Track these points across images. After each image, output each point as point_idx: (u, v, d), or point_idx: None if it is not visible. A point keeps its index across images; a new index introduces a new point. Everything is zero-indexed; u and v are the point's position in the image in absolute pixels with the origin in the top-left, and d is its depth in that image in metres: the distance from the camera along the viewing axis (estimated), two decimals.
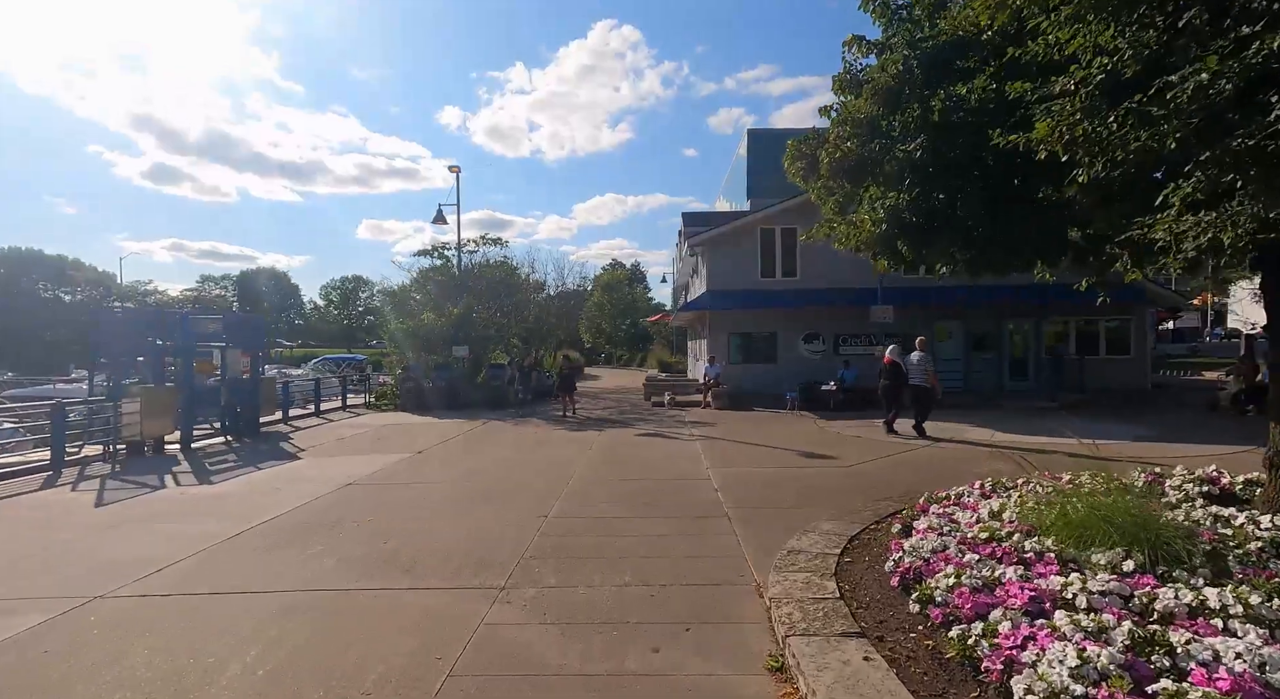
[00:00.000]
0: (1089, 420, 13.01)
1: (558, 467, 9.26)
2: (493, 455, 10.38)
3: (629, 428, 13.77)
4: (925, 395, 11.39)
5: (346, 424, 15.54)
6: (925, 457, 9.60)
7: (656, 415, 16.14)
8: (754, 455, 9.98)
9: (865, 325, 18.76)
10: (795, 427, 13.47)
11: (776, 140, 42.01)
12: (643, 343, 52.81)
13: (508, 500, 7.22)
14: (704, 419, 14.97)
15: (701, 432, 12.80)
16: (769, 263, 19.30)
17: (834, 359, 19.04)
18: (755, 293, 19.05)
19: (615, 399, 21.75)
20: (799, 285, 19.12)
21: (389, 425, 15.10)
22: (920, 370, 11.48)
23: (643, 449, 10.82)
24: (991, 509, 4.58)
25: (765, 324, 19.28)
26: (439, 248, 21.43)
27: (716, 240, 19.33)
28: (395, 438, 12.87)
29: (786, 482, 7.98)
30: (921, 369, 11.46)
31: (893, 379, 11.70)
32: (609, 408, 18.50)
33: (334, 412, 18.25)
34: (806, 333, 19.29)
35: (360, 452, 11.14)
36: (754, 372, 19.20)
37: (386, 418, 16.81)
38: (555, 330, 29.30)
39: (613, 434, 12.81)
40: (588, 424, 14.68)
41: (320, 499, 7.44)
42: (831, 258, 19.06)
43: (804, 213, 19.06)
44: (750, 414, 15.99)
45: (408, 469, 9.31)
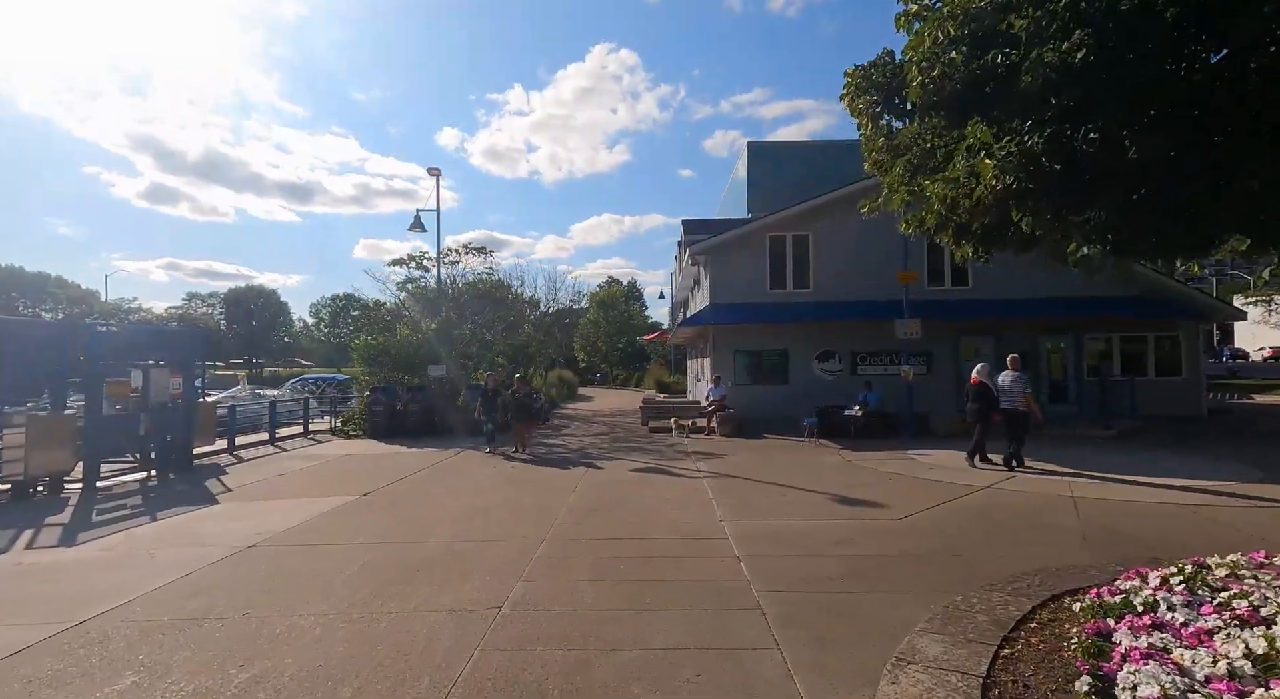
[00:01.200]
0: (1163, 452, 11.14)
1: (532, 517, 7.29)
2: (452, 502, 8.41)
3: (623, 460, 11.81)
4: (1020, 421, 9.97)
5: (300, 455, 13.53)
6: (993, 504, 7.66)
7: (654, 444, 14.18)
8: (777, 500, 8.03)
9: (887, 342, 16.90)
10: (817, 459, 11.53)
11: (777, 155, 40.83)
12: (639, 362, 50.92)
13: (453, 577, 5.26)
14: (710, 449, 13.03)
15: (708, 466, 10.86)
16: (779, 273, 17.52)
17: (851, 380, 17.17)
18: (764, 306, 17.25)
19: (609, 423, 19.77)
20: (812, 298, 17.33)
21: (347, 456, 13.09)
22: (1015, 392, 9.98)
23: (639, 491, 8.86)
24: (1246, 647, 2.64)
25: (775, 341, 17.44)
26: (417, 257, 19.63)
27: (720, 248, 17.57)
28: (346, 474, 10.89)
29: (828, 543, 6.04)
30: (1017, 391, 9.98)
31: (982, 402, 10.18)
32: (601, 435, 16.53)
33: (293, 439, 16.23)
34: (821, 350, 17.44)
35: (295, 494, 9.15)
36: (763, 393, 17.30)
37: (349, 447, 14.80)
38: (546, 348, 27.38)
39: (604, 469, 10.84)
40: (575, 456, 12.71)
41: (198, 572, 5.46)
42: (848, 268, 17.34)
43: (817, 218, 17.38)
44: (762, 443, 14.04)
45: (340, 521, 7.33)
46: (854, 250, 17.31)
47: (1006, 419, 10.02)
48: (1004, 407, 10.04)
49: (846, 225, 17.36)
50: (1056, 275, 17.13)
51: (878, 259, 17.16)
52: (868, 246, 17.26)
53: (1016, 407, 9.93)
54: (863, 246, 17.28)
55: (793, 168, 33.68)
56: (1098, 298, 16.76)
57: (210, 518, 7.66)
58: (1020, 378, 10.09)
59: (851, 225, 17.36)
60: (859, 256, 17.27)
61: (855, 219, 18.16)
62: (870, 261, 17.20)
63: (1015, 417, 9.95)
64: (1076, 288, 16.98)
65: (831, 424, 14.47)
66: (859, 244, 17.30)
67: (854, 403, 15.15)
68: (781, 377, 17.47)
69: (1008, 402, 10.01)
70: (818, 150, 38.32)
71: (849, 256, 17.30)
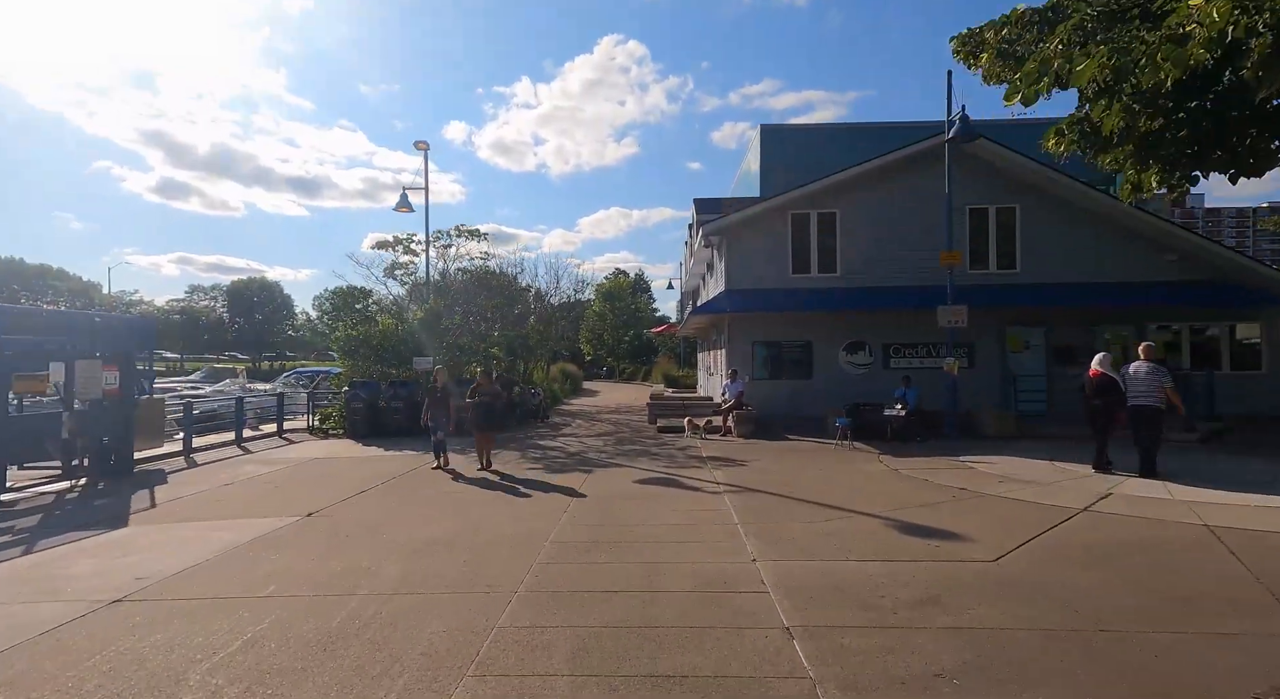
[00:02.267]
0: (1271, 461, 9.31)
1: (505, 554, 5.60)
2: (413, 527, 6.73)
3: (627, 468, 10.11)
4: (1156, 421, 8.41)
5: (262, 459, 11.92)
6: (1110, 538, 5.89)
7: (664, 447, 12.47)
8: (823, 528, 6.30)
9: (923, 332, 15.12)
10: (856, 467, 9.78)
11: (792, 138, 38.77)
12: (647, 355, 49.22)
13: (367, 668, 3.57)
14: (727, 453, 11.30)
15: (728, 476, 9.14)
16: (802, 255, 15.70)
17: (883, 374, 15.38)
18: (785, 292, 15.46)
19: (613, 421, 18.08)
20: (840, 283, 15.52)
21: (312, 462, 11.46)
22: (1151, 386, 8.37)
23: (646, 512, 7.14)
24: None
25: (798, 331, 15.65)
26: (404, 240, 17.95)
27: (737, 228, 15.77)
28: (301, 484, 9.25)
29: (911, 602, 4.32)
30: (1153, 384, 8.36)
31: (1107, 398, 8.63)
32: (604, 435, 14.83)
33: (263, 439, 14.65)
34: (849, 341, 15.64)
35: (227, 513, 7.50)
36: (785, 389, 15.53)
37: (321, 449, 13.18)
38: (547, 340, 25.70)
39: (603, 481, 9.13)
40: (572, 462, 11.01)
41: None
42: (880, 250, 15.49)
43: (845, 193, 15.53)
44: (785, 446, 12.29)
45: (256, 558, 5.66)
46: (886, 230, 15.47)
47: (1138, 418, 8.43)
48: (1135, 403, 8.45)
49: (878, 202, 15.53)
50: (1116, 257, 15.27)
51: (913, 239, 15.33)
52: (902, 225, 15.43)
53: (1151, 403, 8.32)
54: (896, 225, 15.44)
55: (808, 152, 31.64)
56: (1165, 283, 14.86)
57: (98, 550, 6.01)
58: (1159, 369, 8.45)
59: (884, 202, 15.55)
60: (892, 237, 15.43)
61: (888, 195, 16.35)
62: (905, 242, 15.37)
63: (1150, 416, 8.35)
64: (1139, 272, 15.10)
65: (866, 424, 12.69)
66: (892, 223, 15.46)
67: (889, 400, 13.36)
68: (805, 371, 15.69)
69: (1140, 397, 8.41)
70: (835, 133, 36.27)
71: (881, 237, 15.47)
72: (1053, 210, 15.32)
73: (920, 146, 15.07)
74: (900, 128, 23.20)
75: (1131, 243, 15.20)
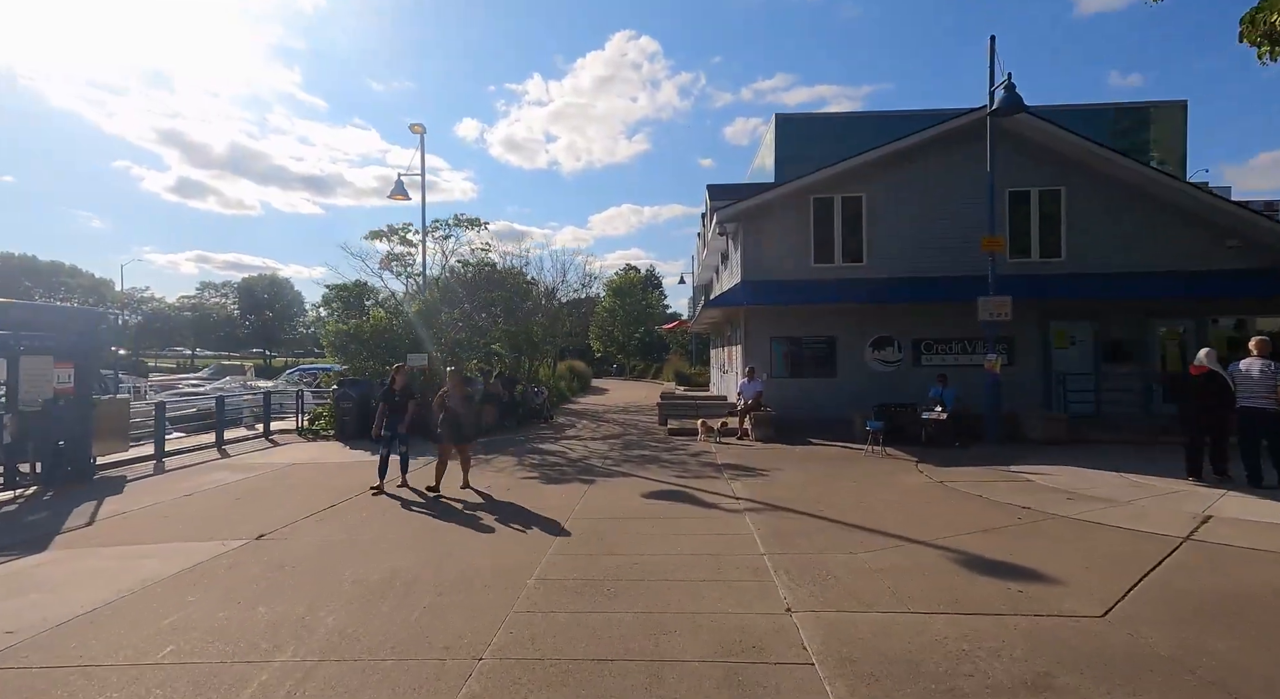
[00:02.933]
0: None
1: (475, 601, 4.51)
2: (371, 559, 5.66)
3: (634, 478, 8.99)
4: (1275, 425, 7.29)
5: (237, 464, 10.94)
6: (1245, 579, 4.69)
7: (675, 452, 11.34)
8: (871, 563, 5.14)
9: (957, 326, 13.87)
10: (895, 480, 8.59)
11: (808, 128, 37.27)
12: (658, 352, 48.07)
13: None
14: (746, 460, 10.15)
15: (750, 489, 7.99)
16: (825, 243, 14.48)
17: (913, 372, 14.15)
18: (806, 284, 14.25)
19: (621, 422, 16.97)
20: (866, 273, 14.28)
21: (288, 468, 10.46)
22: (1266, 385, 7.31)
23: (653, 539, 6.03)
24: None
25: (820, 325, 14.44)
26: (399, 230, 16.94)
27: (754, 213, 14.58)
28: (265, 497, 8.22)
29: (1009, 683, 3.16)
30: (1267, 383, 7.31)
31: (1214, 398, 7.55)
32: (610, 437, 13.72)
33: (247, 441, 13.71)
34: (876, 337, 14.41)
35: (166, 534, 6.48)
36: (806, 389, 14.35)
37: (302, 452, 12.19)
38: (554, 336, 24.62)
39: (605, 496, 8.02)
40: (572, 471, 9.91)
41: None
42: (910, 237, 14.23)
43: (873, 176, 14.28)
44: (810, 452, 11.11)
45: (166, 605, 4.61)
46: (918, 215, 14.21)
47: (1251, 422, 7.36)
48: (1247, 405, 7.36)
49: (908, 186, 14.28)
50: (1172, 243, 13.89)
51: (947, 226, 14.07)
52: (935, 210, 14.16)
53: (1266, 405, 7.25)
54: (929, 211, 14.18)
55: (826, 142, 30.29)
56: (1227, 271, 13.48)
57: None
58: (1274, 366, 7.36)
59: (915, 185, 14.29)
60: (923, 223, 14.17)
61: (919, 178, 15.02)
62: (938, 229, 14.11)
63: (1265, 419, 7.27)
64: (1197, 259, 13.73)
65: (898, 428, 11.49)
66: (924, 208, 14.20)
67: (921, 400, 12.18)
68: (828, 368, 14.48)
69: (1250, 398, 7.34)
70: (853, 122, 34.82)
71: (912, 223, 14.21)
72: (1101, 192, 13.97)
73: (956, 124, 13.80)
74: (921, 116, 21.85)
75: (1188, 227, 13.82)
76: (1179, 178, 13.73)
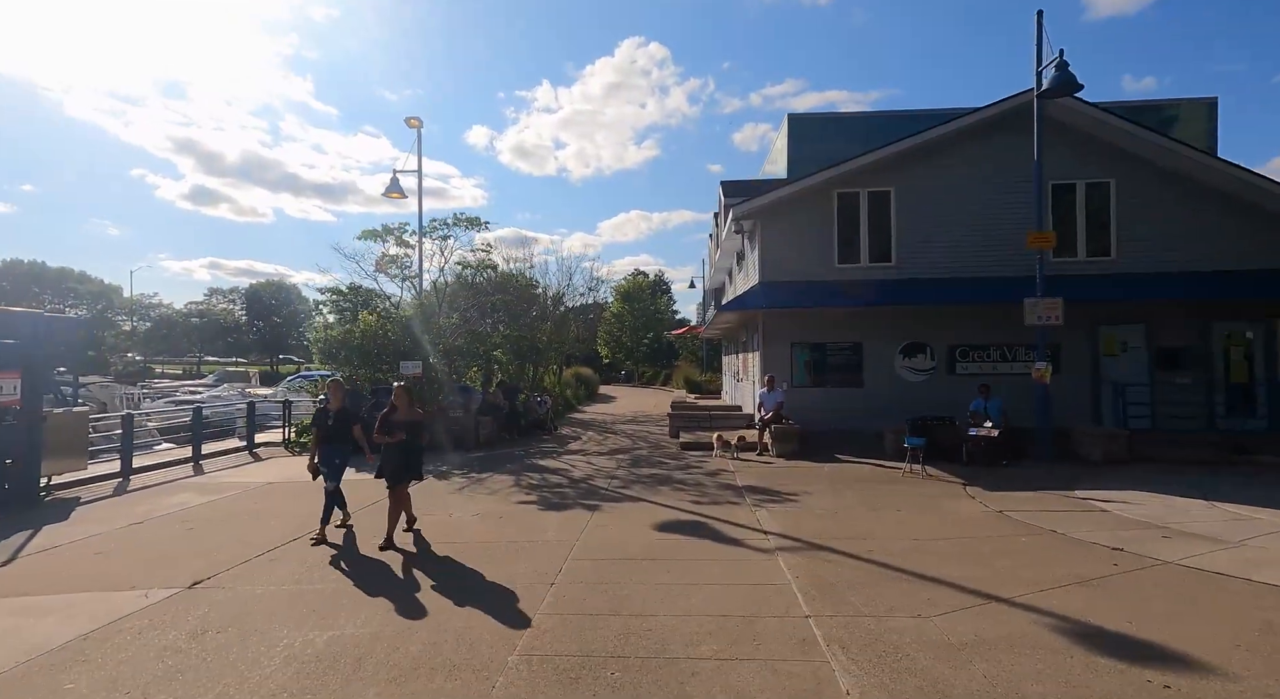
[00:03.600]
0: None
1: (443, 684, 3.43)
2: (297, 629, 4.60)
3: (644, 504, 7.89)
4: None
5: (205, 483, 9.96)
6: None
7: (689, 470, 10.24)
8: (948, 631, 4.01)
9: (999, 332, 12.72)
10: (946, 508, 7.44)
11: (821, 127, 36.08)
12: (667, 358, 46.98)
13: None
14: (771, 482, 9.02)
15: (779, 521, 6.87)
16: (850, 241, 13.36)
17: (949, 381, 12.98)
18: (830, 286, 13.13)
19: (630, 434, 15.89)
20: (895, 274, 13.15)
21: (258, 490, 9.45)
22: None
23: (668, 591, 4.93)
24: None
25: (845, 330, 13.31)
26: (394, 230, 16.00)
27: (774, 209, 13.49)
28: (219, 527, 7.19)
29: None
30: None
31: None
32: (617, 452, 12.63)
33: (229, 455, 12.75)
34: (906, 343, 13.25)
35: (88, 578, 5.45)
36: (830, 399, 13.20)
37: (279, 470, 11.19)
38: (560, 342, 23.61)
39: (610, 528, 6.93)
40: (573, 494, 8.83)
41: None
42: (945, 234, 13.08)
43: (903, 167, 13.16)
44: (841, 470, 9.97)
45: None
46: (952, 211, 13.07)
47: None
48: None
49: (941, 179, 13.14)
50: (1235, 239, 12.64)
51: (986, 222, 12.93)
52: (972, 205, 13.02)
53: None
54: (964, 205, 13.03)
55: (841, 143, 29.17)
56: None
57: None
58: None
59: (948, 179, 13.14)
60: (959, 219, 13.03)
61: (954, 170, 13.73)
62: (975, 226, 12.97)
63: None
64: (1264, 256, 12.49)
65: (936, 443, 10.30)
66: (959, 202, 13.06)
67: (957, 412, 11.03)
68: (853, 377, 13.33)
69: None
70: (870, 122, 33.63)
71: (945, 220, 13.07)
72: (1155, 185, 12.78)
73: (995, 110, 12.66)
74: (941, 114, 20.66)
75: (1253, 221, 12.58)
76: (1244, 167, 12.49)
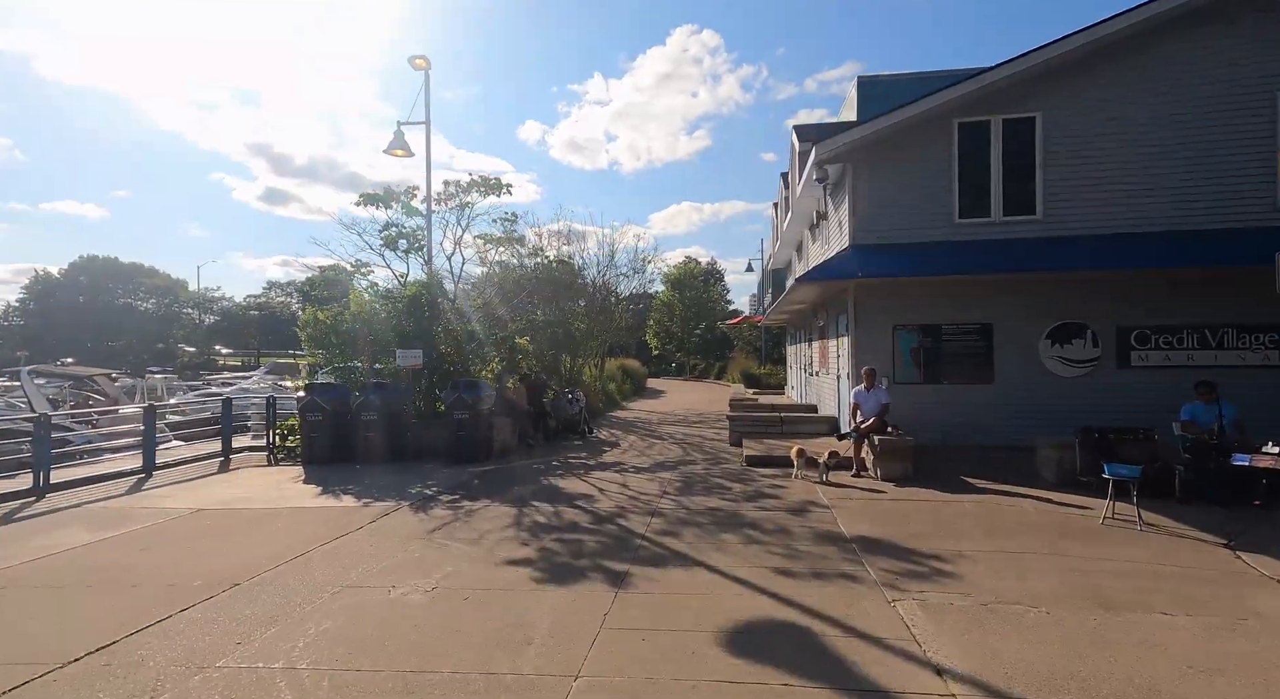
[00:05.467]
0: None
1: None
2: None
3: (698, 571, 4.95)
4: None
5: (125, 508, 7.62)
6: None
7: (764, 502, 7.20)
8: None
9: (1201, 307, 9.15)
10: (1251, 607, 4.17)
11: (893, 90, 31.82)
12: (720, 350, 43.67)
13: None
14: (894, 529, 5.90)
15: (950, 634, 3.78)
16: (977, 189, 9.96)
17: (1115, 376, 9.47)
18: (948, 248, 9.83)
19: (678, 438, 12.96)
20: (1042, 230, 9.71)
21: (182, 520, 6.99)
22: None
23: None
24: None
25: (968, 307, 9.95)
26: (398, 194, 13.47)
27: (872, 148, 10.21)
28: (58, 600, 4.64)
29: None
30: None
31: None
32: (664, 468, 9.69)
33: (197, 462, 10.55)
34: (1057, 324, 9.77)
35: None
36: (946, 400, 9.90)
37: (238, 487, 8.79)
38: (605, 330, 20.87)
39: (638, 632, 4.02)
40: (597, 547, 5.96)
41: None
42: (1116, 174, 9.52)
43: (1054, 85, 9.62)
44: (990, 508, 6.72)
45: None
46: (1128, 142, 9.49)
47: None
48: None
49: (1110, 98, 9.56)
50: None
51: (1179, 154, 9.31)
52: (1159, 132, 9.40)
53: None
54: (1152, 130, 9.43)
55: None
56: None
57: None
58: None
59: (1124, 96, 9.55)
60: (1138, 152, 9.45)
61: (1131, 84, 8.88)
62: (1162, 160, 9.36)
63: None
64: None
65: (1112, 456, 6.84)
66: (1145, 126, 9.46)
67: (1145, 419, 7.60)
68: (980, 370, 9.95)
69: None
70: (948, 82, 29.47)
71: (1116, 155, 9.51)
72: None
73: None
74: None
75: None
76: None
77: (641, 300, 41.13)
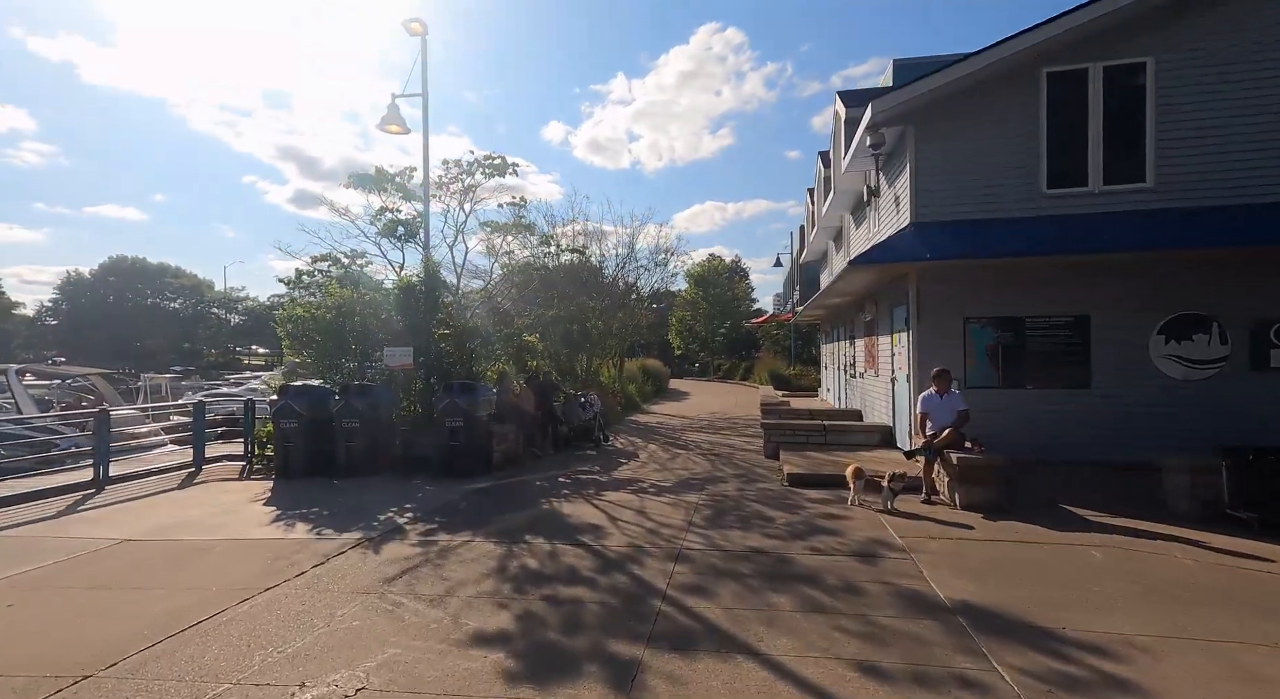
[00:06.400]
0: None
1: None
2: None
3: (740, 668, 3.39)
4: None
5: (43, 537, 6.35)
6: None
7: (816, 541, 5.62)
8: None
9: None
10: None
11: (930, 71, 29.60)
12: (746, 349, 41.89)
13: None
14: (1008, 592, 4.28)
15: None
16: (1070, 152, 8.22)
17: (1249, 379, 7.65)
18: (1035, 224, 8.11)
19: (705, 448, 11.40)
20: (1155, 201, 7.94)
21: (131, 545, 5.68)
22: None
23: None
24: None
25: (1058, 296, 8.21)
26: (392, 176, 12.13)
27: (938, 106, 8.54)
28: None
29: None
30: None
31: None
32: (688, 490, 8.13)
33: (165, 474, 9.32)
34: (1172, 316, 7.98)
35: None
36: (1031, 409, 8.18)
37: (184, 509, 7.48)
38: (625, 329, 19.41)
39: None
40: (598, 604, 4.45)
41: None
42: (1245, 132, 7.72)
43: (1164, 24, 7.85)
44: (1125, 556, 5.04)
45: None
46: (1260, 94, 7.67)
47: None
48: None
49: (1241, 40, 7.75)
50: None
51: None
52: None
53: None
54: None
55: None
56: None
57: None
58: None
59: (1257, 37, 7.75)
60: (1273, 107, 7.63)
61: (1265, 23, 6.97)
62: None
63: None
64: None
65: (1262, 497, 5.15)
66: (1274, 79, 7.64)
67: None
68: (1073, 371, 8.20)
69: None
70: None
71: (1246, 110, 7.70)
72: None
73: None
74: None
75: None
76: None
77: (664, 298, 39.60)
